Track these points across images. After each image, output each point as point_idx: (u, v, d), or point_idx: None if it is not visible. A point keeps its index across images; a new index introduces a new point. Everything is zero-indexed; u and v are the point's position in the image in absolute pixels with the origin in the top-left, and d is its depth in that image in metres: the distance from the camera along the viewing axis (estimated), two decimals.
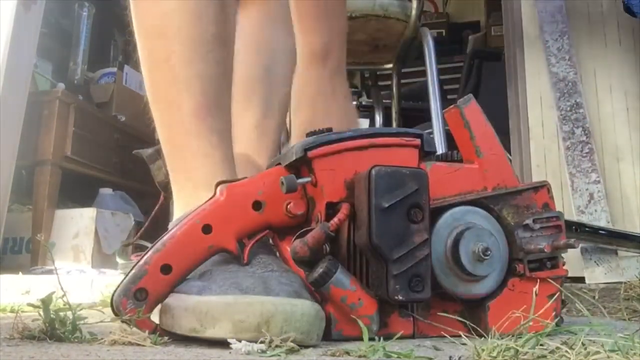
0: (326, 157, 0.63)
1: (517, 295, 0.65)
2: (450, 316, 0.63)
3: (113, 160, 2.44)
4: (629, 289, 1.23)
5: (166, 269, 0.58)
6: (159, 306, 0.59)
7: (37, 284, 1.33)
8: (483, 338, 0.51)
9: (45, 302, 0.54)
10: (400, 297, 0.58)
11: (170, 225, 0.69)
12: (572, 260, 1.47)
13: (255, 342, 0.50)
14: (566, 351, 0.45)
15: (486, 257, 0.62)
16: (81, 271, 1.82)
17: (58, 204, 2.16)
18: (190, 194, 0.71)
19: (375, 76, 2.36)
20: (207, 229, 0.60)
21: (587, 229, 1.43)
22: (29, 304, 0.54)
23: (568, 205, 1.51)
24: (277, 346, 0.50)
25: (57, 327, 0.54)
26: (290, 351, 0.50)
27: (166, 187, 1.32)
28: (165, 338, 0.56)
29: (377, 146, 0.64)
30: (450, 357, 0.48)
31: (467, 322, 0.64)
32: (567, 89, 1.59)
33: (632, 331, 0.51)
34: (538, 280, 0.66)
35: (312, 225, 0.63)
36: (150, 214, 1.43)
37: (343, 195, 0.63)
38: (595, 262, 1.44)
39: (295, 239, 0.60)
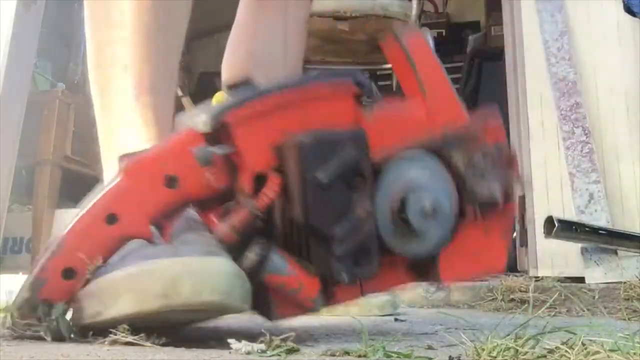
0: (246, 120, 0.54)
1: (467, 240, 0.60)
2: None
3: None
4: (629, 289, 1.23)
5: (69, 273, 0.50)
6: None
7: None
8: (483, 338, 0.51)
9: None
10: (345, 277, 0.53)
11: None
12: (572, 260, 1.48)
13: (255, 342, 0.50)
14: (566, 351, 0.45)
15: (436, 213, 0.56)
16: None
17: (58, 204, 2.16)
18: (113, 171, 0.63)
19: (375, 76, 2.36)
20: (112, 219, 0.51)
21: (587, 229, 1.43)
22: None
23: (568, 205, 1.51)
24: (277, 346, 0.50)
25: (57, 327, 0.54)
26: (290, 351, 0.50)
27: None
28: (164, 338, 0.56)
29: (306, 100, 0.56)
30: (450, 357, 0.48)
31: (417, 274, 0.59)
32: (567, 88, 1.59)
33: (632, 331, 0.51)
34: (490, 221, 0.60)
35: (238, 198, 0.54)
36: None
37: (271, 162, 0.54)
38: (595, 262, 1.44)
39: (219, 220, 0.53)
